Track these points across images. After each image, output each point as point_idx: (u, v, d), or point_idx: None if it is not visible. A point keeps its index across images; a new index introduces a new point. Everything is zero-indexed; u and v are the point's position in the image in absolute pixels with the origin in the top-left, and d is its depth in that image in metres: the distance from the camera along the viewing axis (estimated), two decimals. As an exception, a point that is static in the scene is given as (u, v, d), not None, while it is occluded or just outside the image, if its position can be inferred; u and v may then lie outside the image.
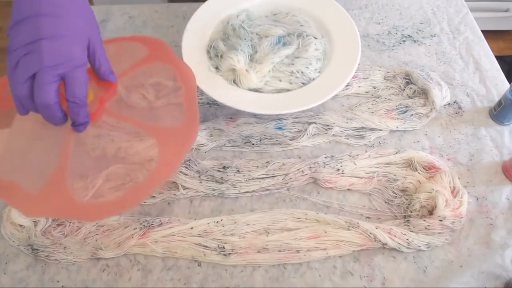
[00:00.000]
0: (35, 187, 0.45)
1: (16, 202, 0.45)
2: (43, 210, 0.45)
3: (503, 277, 0.53)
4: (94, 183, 0.46)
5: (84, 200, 0.45)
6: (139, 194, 0.46)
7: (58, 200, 0.45)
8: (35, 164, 0.47)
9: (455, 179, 0.58)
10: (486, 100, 0.70)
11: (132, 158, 0.47)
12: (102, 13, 0.83)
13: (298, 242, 0.54)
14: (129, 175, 0.50)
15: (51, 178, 0.46)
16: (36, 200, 0.44)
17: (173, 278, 0.53)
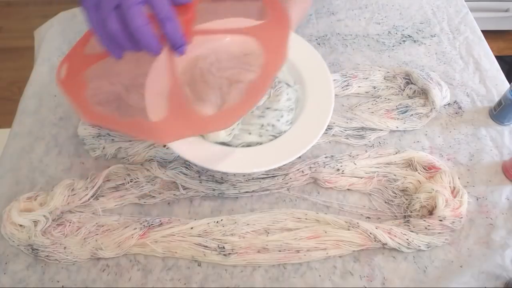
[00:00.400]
0: (160, 117, 0.46)
1: (151, 133, 0.45)
2: (178, 132, 0.45)
3: (503, 277, 0.53)
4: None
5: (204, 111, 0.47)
6: (257, 92, 0.46)
7: (186, 119, 0.46)
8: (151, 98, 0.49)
9: (455, 179, 0.58)
10: (486, 100, 0.70)
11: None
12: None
13: (298, 242, 0.54)
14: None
15: (172, 103, 0.47)
16: (168, 126, 0.46)
17: (173, 278, 0.53)
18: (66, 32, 0.80)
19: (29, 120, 0.68)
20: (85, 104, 0.48)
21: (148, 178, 0.59)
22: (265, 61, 0.46)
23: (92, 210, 0.58)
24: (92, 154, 0.63)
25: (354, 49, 0.78)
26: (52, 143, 0.65)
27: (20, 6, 1.89)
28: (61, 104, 0.70)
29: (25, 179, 0.61)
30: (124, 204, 0.59)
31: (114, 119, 0.47)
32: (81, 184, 0.58)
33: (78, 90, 0.49)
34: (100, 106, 0.63)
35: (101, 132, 0.64)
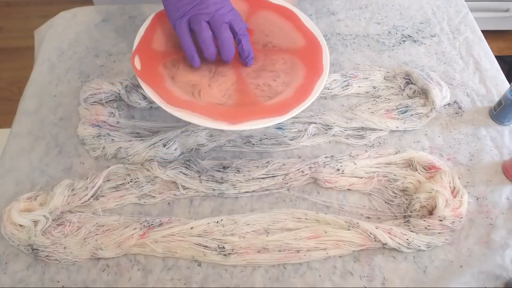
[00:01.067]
0: (231, 102, 0.57)
1: (224, 116, 0.54)
2: (245, 116, 0.54)
3: (503, 277, 0.53)
4: None
5: (267, 103, 0.56)
6: (306, 92, 0.57)
7: (251, 107, 0.56)
8: (221, 90, 0.58)
9: (455, 179, 0.58)
10: (486, 100, 0.70)
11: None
12: (102, 13, 0.83)
13: (298, 242, 0.54)
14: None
15: (239, 95, 0.58)
16: (239, 111, 0.55)
17: (173, 278, 0.53)
18: (66, 32, 0.80)
19: (29, 120, 0.68)
20: (168, 93, 0.55)
21: (148, 178, 0.59)
22: (307, 73, 0.59)
23: (92, 210, 0.58)
24: (92, 154, 0.63)
25: (354, 49, 0.78)
26: (52, 143, 0.65)
27: (20, 6, 1.89)
28: (61, 104, 0.70)
29: (25, 179, 0.61)
30: (124, 204, 0.59)
31: (197, 104, 0.55)
32: (81, 184, 0.58)
33: (158, 81, 0.56)
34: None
35: (101, 132, 0.64)
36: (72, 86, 0.72)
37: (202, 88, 0.58)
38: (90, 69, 0.74)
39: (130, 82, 0.69)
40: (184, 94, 0.56)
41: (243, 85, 0.59)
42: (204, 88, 0.58)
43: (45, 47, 0.78)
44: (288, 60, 0.62)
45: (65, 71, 0.74)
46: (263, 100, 0.57)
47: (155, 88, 0.55)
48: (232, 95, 0.58)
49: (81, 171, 0.62)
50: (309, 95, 0.57)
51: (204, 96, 0.57)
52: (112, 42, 0.78)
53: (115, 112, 0.68)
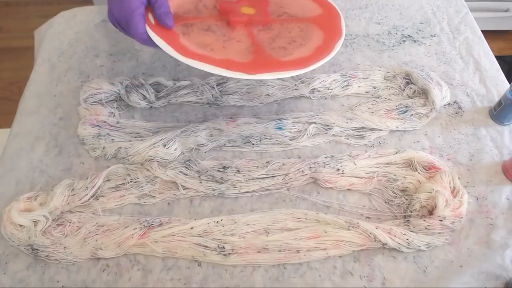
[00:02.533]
0: (247, 60, 0.57)
1: (236, 68, 0.54)
2: (265, 68, 0.54)
3: (503, 277, 0.53)
4: None
5: (283, 59, 0.57)
6: (323, 51, 0.58)
7: (269, 61, 0.57)
8: (236, 52, 0.59)
9: (455, 179, 0.58)
10: (486, 100, 0.70)
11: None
12: (102, 13, 0.83)
13: (298, 242, 0.54)
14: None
15: (255, 55, 0.58)
16: (256, 64, 0.55)
17: (173, 278, 0.53)
18: (66, 32, 0.80)
19: (29, 120, 0.68)
20: (183, 47, 0.55)
21: (148, 178, 0.59)
22: (326, 36, 0.60)
23: (92, 210, 0.58)
24: (92, 154, 0.63)
25: (354, 49, 0.78)
26: (52, 143, 0.65)
27: (20, 6, 1.89)
28: (61, 104, 0.70)
29: (25, 179, 0.61)
30: (124, 204, 0.59)
31: (212, 57, 0.55)
32: (81, 184, 0.58)
33: (173, 37, 0.56)
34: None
35: (101, 132, 0.64)
36: (72, 86, 0.72)
37: (215, 48, 0.58)
38: (90, 69, 0.74)
39: (130, 82, 0.69)
40: (199, 49, 0.56)
41: (258, 47, 0.59)
42: (218, 48, 0.58)
43: (45, 47, 0.78)
44: (305, 27, 0.63)
45: (65, 71, 0.74)
46: (279, 57, 0.57)
47: (170, 43, 0.55)
48: (247, 55, 0.58)
49: (81, 171, 0.62)
50: (328, 53, 0.57)
51: (218, 52, 0.57)
52: (112, 42, 0.78)
53: (115, 112, 0.68)
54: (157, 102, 0.69)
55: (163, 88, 0.70)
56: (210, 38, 0.59)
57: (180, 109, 0.69)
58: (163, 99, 0.69)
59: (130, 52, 0.77)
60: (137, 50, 0.77)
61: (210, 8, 0.64)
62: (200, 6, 0.65)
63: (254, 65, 0.55)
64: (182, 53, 0.53)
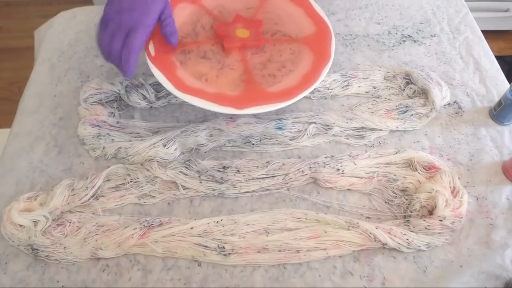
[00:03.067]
0: (237, 92, 0.60)
1: (232, 102, 0.57)
2: (252, 102, 0.57)
3: (503, 277, 0.53)
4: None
5: (271, 89, 0.60)
6: (311, 79, 0.60)
7: (257, 93, 0.59)
8: (228, 82, 0.61)
9: (455, 179, 0.58)
10: (486, 100, 0.70)
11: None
12: (102, 13, 0.83)
13: (298, 242, 0.54)
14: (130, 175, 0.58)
15: (245, 84, 0.61)
16: (245, 98, 0.58)
17: (173, 278, 0.53)
18: (66, 32, 0.80)
19: (29, 120, 0.68)
20: (179, 80, 0.58)
21: (148, 178, 0.59)
22: (315, 59, 0.62)
23: (92, 210, 0.58)
24: (92, 154, 0.63)
25: (354, 49, 0.78)
26: (52, 143, 0.65)
27: (20, 6, 1.89)
28: (61, 104, 0.70)
29: (25, 179, 0.61)
30: (124, 204, 0.59)
31: (205, 92, 0.58)
32: (81, 184, 0.58)
33: (171, 68, 0.60)
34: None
35: (101, 132, 0.64)
36: (72, 86, 0.72)
37: (209, 77, 0.61)
38: (90, 69, 0.74)
39: (130, 82, 0.69)
40: (194, 81, 0.59)
41: (249, 75, 0.62)
42: (211, 78, 0.61)
43: (45, 47, 0.78)
44: (296, 49, 0.64)
45: (65, 71, 0.74)
46: (267, 87, 0.60)
47: (167, 75, 0.58)
48: (239, 85, 0.61)
49: (81, 171, 0.62)
50: (315, 81, 0.59)
51: (211, 84, 0.60)
52: (112, 42, 0.78)
53: (115, 112, 0.68)
54: (157, 102, 0.69)
55: (163, 88, 0.70)
56: (206, 67, 0.62)
57: (180, 109, 0.69)
58: (163, 99, 0.69)
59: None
60: (137, 50, 0.77)
61: (208, 29, 0.67)
62: (198, 28, 0.67)
63: (243, 98, 0.58)
64: (178, 87, 0.57)
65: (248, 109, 0.56)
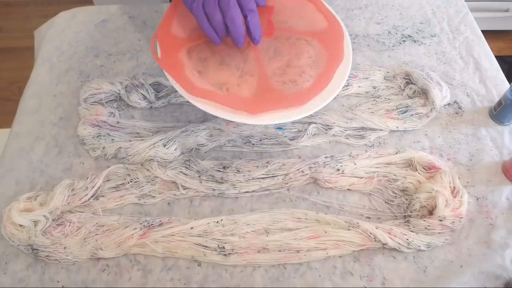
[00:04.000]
0: (252, 92, 0.58)
1: (244, 105, 0.55)
2: (266, 106, 0.55)
3: (503, 277, 0.53)
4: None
5: (290, 91, 0.58)
6: (325, 80, 0.58)
7: (271, 94, 0.57)
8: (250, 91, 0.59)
9: (455, 179, 0.58)
10: (486, 100, 0.70)
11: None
12: (102, 13, 0.83)
13: (298, 242, 0.54)
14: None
15: (259, 83, 0.59)
16: (259, 101, 0.56)
17: (173, 278, 0.53)
18: (66, 32, 0.80)
19: (29, 120, 0.68)
20: (188, 81, 0.56)
21: (148, 178, 0.59)
22: (328, 59, 0.60)
23: (92, 210, 0.58)
24: (92, 154, 0.63)
25: (354, 49, 0.78)
26: (52, 143, 0.65)
27: (20, 6, 1.89)
28: (61, 104, 0.70)
29: (25, 179, 0.61)
30: (124, 204, 0.59)
31: (216, 94, 0.56)
32: (81, 184, 0.58)
33: (179, 69, 0.57)
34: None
35: (101, 132, 0.64)
36: (72, 86, 0.72)
37: (230, 87, 0.58)
38: (90, 69, 0.74)
39: (130, 82, 0.69)
40: (203, 82, 0.57)
41: (269, 82, 0.59)
42: (232, 87, 0.59)
43: (45, 47, 0.78)
44: (313, 52, 0.62)
45: (65, 71, 0.74)
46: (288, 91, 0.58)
47: (175, 77, 0.56)
48: (259, 93, 0.58)
49: (81, 171, 0.62)
50: (328, 82, 0.57)
51: (232, 93, 0.58)
52: (112, 42, 0.78)
53: (115, 112, 0.68)
54: (157, 102, 0.69)
55: (163, 88, 0.70)
56: (225, 74, 0.59)
57: (180, 109, 0.69)
58: (163, 99, 0.69)
59: (130, 52, 0.77)
60: (137, 50, 0.77)
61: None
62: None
63: (255, 101, 0.56)
64: (188, 90, 0.55)
65: (260, 115, 0.54)
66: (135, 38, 0.79)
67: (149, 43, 0.78)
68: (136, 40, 0.79)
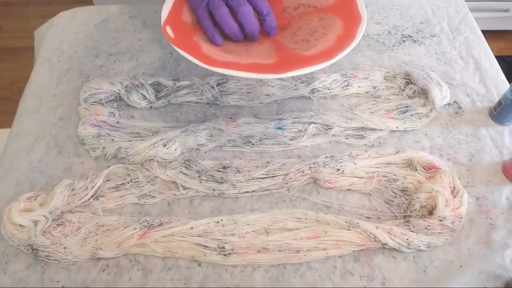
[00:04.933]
0: (272, 60, 0.57)
1: (269, 69, 0.54)
2: (291, 67, 0.54)
3: (503, 277, 0.53)
4: None
5: (307, 53, 0.57)
6: (346, 41, 0.57)
7: (294, 58, 0.57)
8: (260, 53, 0.59)
9: (455, 179, 0.58)
10: (486, 100, 0.70)
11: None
12: (102, 13, 0.83)
13: (298, 242, 0.54)
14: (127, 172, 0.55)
15: (278, 51, 0.58)
16: (282, 64, 0.55)
17: (173, 278, 0.53)
18: (66, 32, 0.80)
19: (29, 120, 0.68)
20: (207, 57, 0.55)
21: (148, 178, 0.59)
22: (345, 24, 0.60)
23: (92, 210, 0.58)
24: (92, 154, 0.63)
25: (354, 49, 0.77)
26: (52, 143, 0.65)
27: (20, 6, 1.89)
28: (61, 104, 0.70)
29: (25, 179, 0.61)
30: (124, 204, 0.59)
31: (238, 63, 0.55)
32: (81, 184, 0.58)
33: (195, 47, 0.57)
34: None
35: (101, 132, 0.64)
36: (72, 86, 0.72)
37: (239, 52, 0.58)
38: (90, 69, 0.74)
39: (130, 82, 0.69)
40: (225, 56, 0.57)
41: (280, 45, 0.59)
42: (241, 52, 0.59)
43: (45, 47, 0.78)
44: (324, 16, 0.63)
45: (65, 71, 0.74)
46: (303, 51, 0.57)
47: (193, 54, 0.55)
48: (271, 53, 0.58)
49: (81, 171, 0.62)
50: (351, 42, 0.57)
51: (243, 56, 0.58)
52: (112, 42, 0.79)
53: (115, 112, 0.68)
54: (157, 102, 0.69)
55: (163, 88, 0.70)
56: (232, 45, 0.60)
57: (180, 109, 0.69)
58: (163, 99, 0.69)
59: (130, 52, 0.77)
60: (137, 50, 0.77)
61: None
62: None
63: (280, 65, 0.55)
64: (208, 63, 0.54)
65: (289, 72, 0.53)
66: (135, 38, 0.79)
67: (149, 43, 0.78)
68: (136, 40, 0.79)
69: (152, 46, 0.78)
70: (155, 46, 0.78)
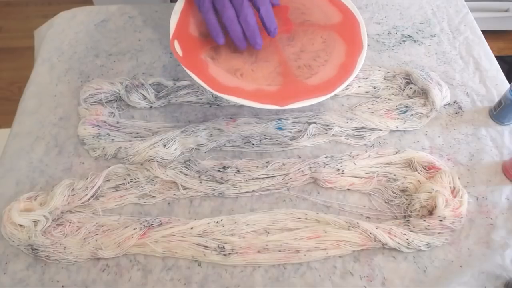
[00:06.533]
0: (276, 86, 0.58)
1: (271, 98, 0.56)
2: (293, 97, 0.57)
3: (503, 277, 0.53)
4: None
5: (309, 81, 0.59)
6: (348, 70, 0.60)
7: (297, 87, 0.58)
8: (265, 75, 0.60)
9: (455, 179, 0.58)
10: (486, 100, 0.70)
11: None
12: (102, 13, 0.83)
13: (298, 242, 0.54)
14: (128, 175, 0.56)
15: (284, 76, 0.60)
16: (285, 93, 0.57)
17: (173, 278, 0.53)
18: (66, 32, 0.80)
19: (29, 120, 0.68)
20: (213, 80, 0.57)
21: (148, 178, 0.59)
22: (347, 48, 0.62)
23: (92, 210, 0.58)
24: (92, 154, 0.63)
25: (354, 49, 0.78)
26: (52, 143, 0.65)
27: (20, 6, 1.89)
28: (61, 104, 0.70)
29: (25, 179, 0.61)
30: (124, 204, 0.59)
31: (243, 90, 0.57)
32: (81, 184, 0.58)
33: (202, 67, 0.58)
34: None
35: (101, 132, 0.64)
36: (72, 86, 0.72)
37: (244, 72, 0.59)
38: (90, 69, 0.74)
39: (130, 82, 0.69)
40: (230, 79, 0.58)
41: (285, 67, 0.61)
42: (246, 72, 0.60)
43: (45, 47, 0.78)
44: (327, 37, 0.64)
45: (65, 71, 0.74)
46: (304, 79, 0.59)
47: (200, 75, 0.57)
48: (275, 78, 0.59)
49: (81, 171, 0.62)
50: (352, 72, 0.59)
51: (247, 78, 0.59)
52: (112, 42, 0.78)
53: (115, 112, 0.68)
54: (157, 102, 0.69)
55: (163, 88, 0.70)
56: (239, 61, 0.60)
57: (180, 109, 0.69)
58: (163, 99, 0.69)
59: (130, 52, 0.77)
60: (137, 50, 0.77)
61: None
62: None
63: (283, 94, 0.57)
64: (214, 88, 0.56)
65: (291, 105, 0.56)
66: (135, 38, 0.79)
67: (149, 43, 0.78)
68: (136, 40, 0.79)
69: (152, 46, 0.78)
70: (155, 46, 0.78)
